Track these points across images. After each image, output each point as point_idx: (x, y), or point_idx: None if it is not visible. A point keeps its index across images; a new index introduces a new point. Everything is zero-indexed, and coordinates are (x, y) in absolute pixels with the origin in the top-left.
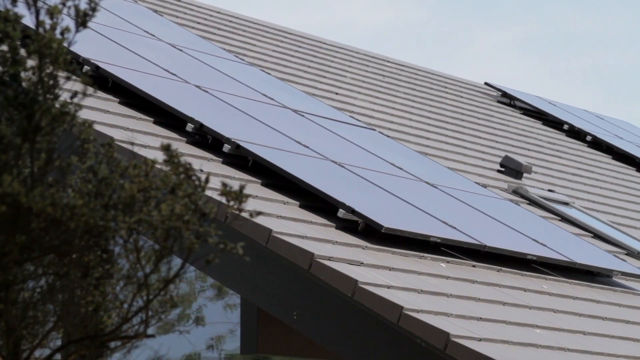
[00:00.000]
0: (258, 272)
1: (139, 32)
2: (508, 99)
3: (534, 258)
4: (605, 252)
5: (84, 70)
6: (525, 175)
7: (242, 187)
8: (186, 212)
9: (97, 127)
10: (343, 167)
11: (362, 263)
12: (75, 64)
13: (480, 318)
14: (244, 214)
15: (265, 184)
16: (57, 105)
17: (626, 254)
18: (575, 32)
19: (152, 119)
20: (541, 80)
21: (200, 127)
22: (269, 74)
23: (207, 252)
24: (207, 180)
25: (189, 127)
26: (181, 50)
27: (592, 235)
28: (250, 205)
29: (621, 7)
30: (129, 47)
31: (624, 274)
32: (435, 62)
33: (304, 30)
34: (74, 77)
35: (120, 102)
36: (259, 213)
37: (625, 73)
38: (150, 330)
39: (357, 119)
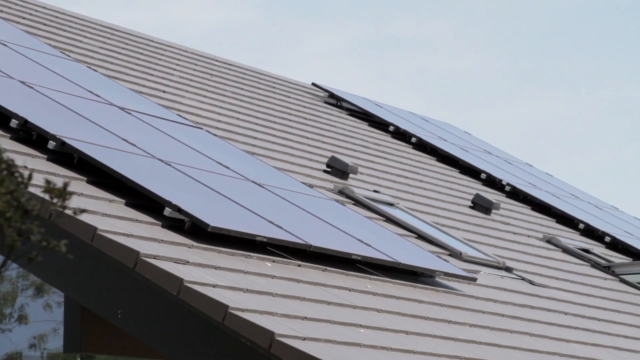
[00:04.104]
0: (82, 270)
1: None
2: (335, 100)
3: (359, 258)
4: (429, 253)
5: None
6: (351, 175)
7: (66, 184)
8: (8, 209)
9: None
10: (170, 165)
11: (188, 262)
12: None
13: (305, 317)
14: (68, 212)
15: (90, 182)
16: None
17: (449, 255)
18: (401, 36)
19: None
20: (370, 83)
21: (25, 124)
22: (96, 70)
23: (30, 250)
24: (30, 177)
25: (13, 123)
26: (5, 45)
27: (416, 235)
28: (74, 202)
29: (444, 14)
30: None
31: (446, 274)
32: (265, 62)
33: (135, 29)
34: None
35: None
36: (83, 211)
37: (448, 77)
38: None
39: (184, 118)
